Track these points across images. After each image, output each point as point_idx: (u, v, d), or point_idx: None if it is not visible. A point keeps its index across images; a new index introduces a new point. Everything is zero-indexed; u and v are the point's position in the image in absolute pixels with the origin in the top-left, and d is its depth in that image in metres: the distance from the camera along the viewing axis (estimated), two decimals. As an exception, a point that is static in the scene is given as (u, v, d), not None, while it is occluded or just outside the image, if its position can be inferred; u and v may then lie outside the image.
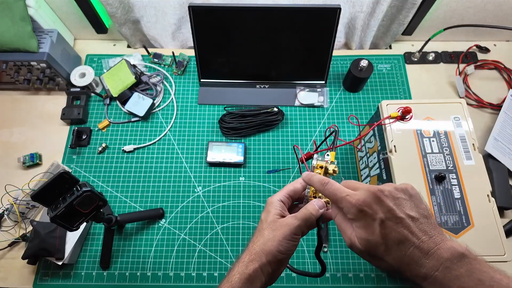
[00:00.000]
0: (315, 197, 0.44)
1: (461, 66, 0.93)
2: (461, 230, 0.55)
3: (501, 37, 0.97)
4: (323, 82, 0.91)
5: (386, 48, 1.00)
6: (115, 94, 0.87)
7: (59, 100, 0.90)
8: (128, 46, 0.99)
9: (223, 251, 0.75)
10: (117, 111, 0.90)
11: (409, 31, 0.94)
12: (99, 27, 0.94)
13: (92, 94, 0.90)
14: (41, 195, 0.51)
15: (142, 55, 0.96)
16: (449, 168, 0.59)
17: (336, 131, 0.69)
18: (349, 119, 0.87)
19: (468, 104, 0.87)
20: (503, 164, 0.78)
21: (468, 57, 0.95)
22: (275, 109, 0.85)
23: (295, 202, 0.46)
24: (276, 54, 0.85)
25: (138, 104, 0.87)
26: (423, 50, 0.92)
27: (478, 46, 0.96)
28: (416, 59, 0.96)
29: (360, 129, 0.81)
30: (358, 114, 0.89)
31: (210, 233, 0.76)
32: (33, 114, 0.89)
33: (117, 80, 0.87)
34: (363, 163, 0.78)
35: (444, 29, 0.85)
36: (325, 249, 0.74)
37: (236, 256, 0.74)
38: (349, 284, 0.71)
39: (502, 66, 0.93)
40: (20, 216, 0.74)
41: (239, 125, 0.84)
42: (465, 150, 0.60)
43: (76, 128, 0.85)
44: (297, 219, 0.40)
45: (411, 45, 0.99)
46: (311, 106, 0.90)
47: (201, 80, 0.91)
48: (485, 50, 0.95)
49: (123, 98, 0.87)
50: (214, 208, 0.79)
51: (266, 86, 0.92)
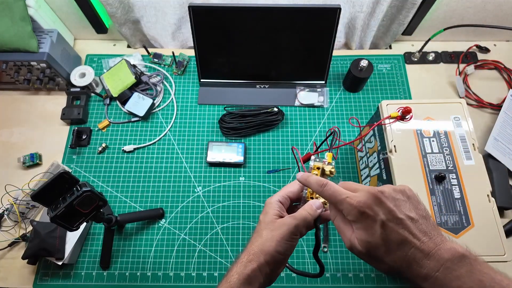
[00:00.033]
0: (312, 198, 0.43)
1: (461, 66, 0.93)
2: (461, 230, 0.55)
3: (501, 37, 0.97)
4: (323, 82, 0.91)
5: (386, 48, 1.00)
6: (115, 94, 0.87)
7: (59, 100, 0.90)
8: (128, 46, 0.99)
9: (223, 251, 0.75)
10: (117, 111, 0.90)
11: (409, 31, 0.94)
12: (99, 27, 0.94)
13: (92, 94, 0.90)
14: (41, 195, 0.51)
15: (142, 55, 0.96)
16: (449, 168, 0.59)
17: (334, 132, 0.69)
18: (349, 121, 0.87)
19: (468, 104, 0.87)
20: (503, 164, 0.78)
21: (468, 57, 0.95)
22: (275, 109, 0.85)
23: (294, 203, 0.46)
24: (276, 54, 0.85)
25: (138, 104, 0.87)
26: (423, 50, 0.92)
27: (478, 46, 0.96)
28: (416, 59, 0.96)
29: (361, 130, 0.81)
30: (358, 114, 0.89)
31: (210, 233, 0.76)
32: (33, 114, 0.89)
33: (117, 80, 0.87)
34: (363, 163, 0.77)
35: (444, 29, 0.85)
36: (325, 249, 0.74)
37: (236, 256, 0.74)
38: (349, 284, 0.71)
39: (502, 66, 0.93)
40: (20, 216, 0.74)
41: (239, 125, 0.84)
42: (465, 150, 0.60)
43: (76, 128, 0.85)
44: (295, 219, 0.40)
45: (411, 45, 0.99)
46: (311, 106, 0.90)
47: (201, 80, 0.91)
48: (485, 50, 0.95)
49: (123, 98, 0.87)
50: (214, 208, 0.79)
51: (266, 86, 0.92)
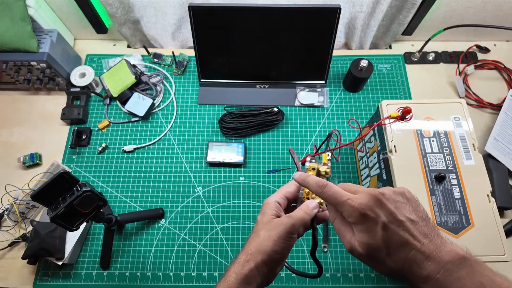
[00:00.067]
0: (308, 199, 0.43)
1: (461, 66, 0.93)
2: (461, 230, 0.55)
3: (501, 37, 0.97)
4: (323, 82, 0.91)
5: (386, 48, 1.00)
6: (115, 94, 0.87)
7: (59, 100, 0.90)
8: (128, 46, 0.99)
9: (223, 251, 0.75)
10: (117, 111, 0.90)
11: (409, 31, 0.94)
12: (99, 27, 0.94)
13: (92, 94, 0.90)
14: (41, 195, 0.51)
15: (142, 55, 0.96)
16: (449, 168, 0.59)
17: (331, 134, 0.70)
18: (349, 123, 0.87)
19: (468, 104, 0.87)
20: (503, 164, 0.78)
21: (468, 57, 0.95)
22: (275, 109, 0.85)
23: (292, 204, 0.46)
24: (276, 54, 0.85)
25: (138, 104, 0.87)
26: (423, 50, 0.92)
27: (478, 46, 0.96)
28: (416, 59, 0.95)
29: (361, 131, 0.81)
30: (358, 114, 0.89)
31: (210, 233, 0.76)
32: (33, 114, 0.89)
33: (117, 80, 0.87)
34: (363, 163, 0.77)
35: (444, 29, 0.85)
36: (325, 249, 0.74)
37: (234, 257, 0.74)
38: (349, 284, 0.71)
39: (502, 66, 0.93)
40: (20, 216, 0.74)
41: (239, 125, 0.84)
42: (465, 150, 0.60)
43: (76, 128, 0.85)
44: (292, 218, 0.40)
45: (411, 45, 0.99)
46: (311, 106, 0.90)
47: (201, 80, 0.91)
48: (485, 50, 0.95)
49: (123, 98, 0.87)
50: (214, 208, 0.79)
51: (266, 86, 0.92)
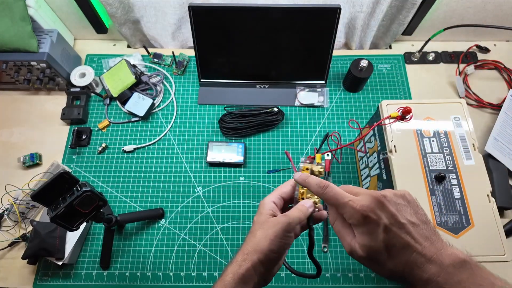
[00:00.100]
0: (303, 199, 0.44)
1: (461, 66, 0.93)
2: (461, 230, 0.55)
3: (501, 37, 0.97)
4: (323, 82, 0.91)
5: (386, 48, 1.00)
6: (115, 94, 0.87)
7: (59, 100, 0.90)
8: (128, 46, 0.99)
9: (223, 251, 0.75)
10: (117, 111, 0.90)
11: (409, 31, 0.94)
12: (99, 27, 0.94)
13: (92, 94, 0.90)
14: (41, 195, 0.51)
15: (142, 55, 0.96)
16: (449, 168, 0.59)
17: (328, 134, 0.71)
18: (349, 124, 0.87)
19: (468, 104, 0.87)
20: (503, 164, 0.78)
21: (468, 57, 0.95)
22: (275, 109, 0.85)
23: (289, 206, 0.46)
24: (276, 54, 0.85)
25: (138, 104, 0.87)
26: (423, 50, 0.92)
27: (478, 46, 0.96)
28: (416, 59, 0.95)
29: (362, 132, 0.81)
30: (358, 114, 0.89)
31: (210, 233, 0.76)
32: (33, 114, 0.89)
33: (117, 80, 0.87)
34: (363, 163, 0.77)
35: (444, 29, 0.85)
36: (325, 249, 0.74)
37: (232, 257, 0.74)
38: (349, 284, 0.71)
39: (502, 66, 0.93)
40: (20, 216, 0.74)
41: (239, 125, 0.84)
42: (465, 150, 0.60)
43: (76, 128, 0.85)
44: (287, 217, 0.40)
45: (411, 45, 0.99)
46: (311, 106, 0.90)
47: (201, 80, 0.91)
48: (485, 50, 0.95)
49: (123, 98, 0.87)
50: (214, 208, 0.79)
51: (266, 86, 0.92)
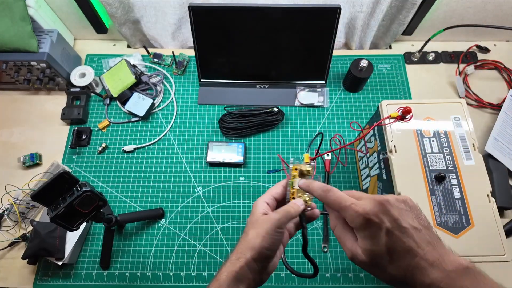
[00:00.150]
0: (294, 199, 0.44)
1: (461, 66, 0.93)
2: (461, 230, 0.55)
3: (501, 37, 0.97)
4: (323, 82, 0.91)
5: (386, 48, 1.00)
6: (115, 94, 0.87)
7: (59, 100, 0.90)
8: (128, 46, 0.99)
9: (223, 251, 0.75)
10: (117, 111, 0.90)
11: (409, 31, 0.94)
12: (99, 27, 0.94)
13: (92, 94, 0.90)
14: (41, 195, 0.51)
15: (142, 55, 0.96)
16: (449, 168, 0.59)
17: (319, 134, 0.71)
18: (350, 125, 0.87)
19: (468, 104, 0.87)
20: (503, 164, 0.78)
21: (468, 57, 0.95)
22: (275, 109, 0.85)
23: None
24: (276, 54, 0.85)
25: (138, 104, 0.87)
26: (423, 50, 0.92)
27: (478, 46, 0.96)
28: (416, 59, 0.95)
29: (363, 133, 0.81)
30: (358, 114, 0.89)
31: (210, 233, 0.76)
32: (33, 114, 0.89)
33: (117, 80, 0.87)
34: (363, 163, 0.77)
35: (444, 29, 0.85)
36: (325, 249, 0.74)
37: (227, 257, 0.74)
38: (349, 284, 0.71)
39: (502, 66, 0.93)
40: (20, 216, 0.74)
41: (239, 125, 0.84)
42: (465, 150, 0.60)
43: (76, 128, 0.85)
44: (278, 213, 0.41)
45: (411, 45, 0.99)
46: (311, 106, 0.90)
47: (201, 80, 0.91)
48: (485, 50, 0.95)
49: (123, 98, 0.87)
50: (214, 208, 0.79)
51: (266, 86, 0.92)
